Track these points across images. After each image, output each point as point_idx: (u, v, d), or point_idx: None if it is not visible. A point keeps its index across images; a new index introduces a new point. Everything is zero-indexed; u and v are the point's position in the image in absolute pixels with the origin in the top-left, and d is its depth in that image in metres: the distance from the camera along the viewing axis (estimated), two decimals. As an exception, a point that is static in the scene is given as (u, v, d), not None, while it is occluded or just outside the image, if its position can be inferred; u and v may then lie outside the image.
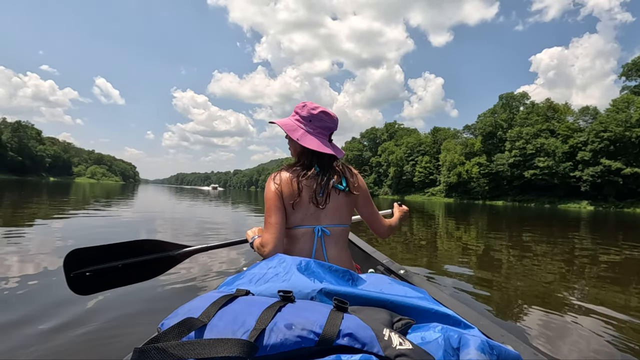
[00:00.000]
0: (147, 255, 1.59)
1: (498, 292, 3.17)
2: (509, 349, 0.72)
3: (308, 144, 1.31)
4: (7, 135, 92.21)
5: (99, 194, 21.69)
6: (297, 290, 0.88)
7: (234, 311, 0.74)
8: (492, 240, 7.16)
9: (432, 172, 75.55)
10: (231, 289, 0.93)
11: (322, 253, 1.29)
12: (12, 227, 5.76)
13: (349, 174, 1.37)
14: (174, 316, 0.78)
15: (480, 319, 1.09)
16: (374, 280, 1.05)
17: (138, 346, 0.59)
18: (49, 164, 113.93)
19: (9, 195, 14.38)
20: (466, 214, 18.77)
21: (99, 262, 1.47)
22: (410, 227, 9.25)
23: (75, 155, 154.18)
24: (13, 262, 3.43)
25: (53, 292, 2.58)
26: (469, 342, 0.68)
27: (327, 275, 0.99)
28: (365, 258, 2.25)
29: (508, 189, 59.48)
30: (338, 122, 1.39)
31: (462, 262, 4.75)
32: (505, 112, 63.42)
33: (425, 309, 0.87)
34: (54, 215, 7.75)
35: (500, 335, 1.00)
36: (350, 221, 1.39)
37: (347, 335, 0.66)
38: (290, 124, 1.36)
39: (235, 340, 0.62)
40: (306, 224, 1.29)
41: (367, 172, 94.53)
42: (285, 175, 1.31)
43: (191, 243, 1.74)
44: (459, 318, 0.86)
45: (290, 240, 1.33)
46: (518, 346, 0.93)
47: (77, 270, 1.42)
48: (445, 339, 0.70)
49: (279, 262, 1.04)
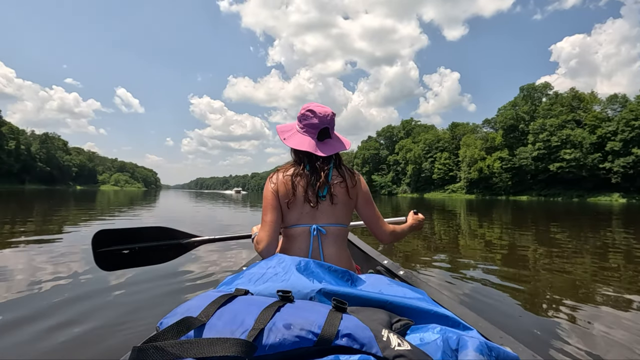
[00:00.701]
0: (160, 241, 1.74)
1: (523, 290, 3.03)
2: (507, 350, 0.72)
3: (290, 143, 1.34)
4: (36, 147, 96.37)
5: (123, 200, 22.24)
6: (296, 290, 0.88)
7: (233, 311, 0.74)
8: (517, 237, 6.87)
9: (452, 168, 74.06)
10: (230, 289, 0.93)
11: (318, 252, 1.29)
12: (44, 236, 5.85)
13: (348, 173, 1.36)
14: (172, 315, 0.78)
15: (479, 321, 1.09)
16: (373, 280, 1.06)
17: (137, 345, 0.59)
18: (76, 173, 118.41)
19: (39, 205, 14.78)
20: (489, 210, 18.16)
21: (119, 243, 1.65)
22: (431, 225, 9.01)
23: (99, 164, 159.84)
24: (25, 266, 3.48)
25: (54, 292, 2.60)
26: (468, 344, 0.68)
27: (326, 275, 1.00)
28: (365, 259, 2.25)
29: (532, 183, 57.54)
30: (329, 117, 1.34)
31: (486, 259, 4.54)
32: (526, 104, 61.42)
33: (424, 310, 0.87)
34: (82, 223, 7.87)
35: (499, 337, 1.00)
36: (349, 221, 1.37)
37: (346, 336, 0.66)
38: (287, 126, 1.42)
39: (234, 339, 0.62)
40: (302, 222, 1.30)
41: (385, 171, 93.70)
42: (281, 175, 1.33)
43: (201, 234, 1.85)
44: (457, 319, 0.86)
45: (288, 239, 1.34)
46: (517, 348, 0.93)
47: (101, 249, 1.61)
48: (444, 340, 0.70)
49: (278, 262, 1.04)
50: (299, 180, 1.30)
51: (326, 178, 1.30)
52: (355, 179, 1.37)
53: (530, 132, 56.59)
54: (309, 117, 1.34)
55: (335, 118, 1.39)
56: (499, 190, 61.28)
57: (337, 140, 1.40)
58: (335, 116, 1.40)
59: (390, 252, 4.93)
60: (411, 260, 4.44)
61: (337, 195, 1.31)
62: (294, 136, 1.36)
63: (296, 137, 1.36)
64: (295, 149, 1.34)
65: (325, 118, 1.33)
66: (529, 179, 57.74)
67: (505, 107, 64.64)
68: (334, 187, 1.31)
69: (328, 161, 1.36)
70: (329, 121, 1.34)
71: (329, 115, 1.34)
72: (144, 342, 0.61)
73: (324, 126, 1.34)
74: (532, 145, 55.58)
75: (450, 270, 3.83)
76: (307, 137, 1.34)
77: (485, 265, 4.14)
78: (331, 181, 1.32)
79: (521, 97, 63.02)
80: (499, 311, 2.56)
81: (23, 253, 4.27)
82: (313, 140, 1.34)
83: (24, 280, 3.00)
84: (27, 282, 2.92)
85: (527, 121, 59.47)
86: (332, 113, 1.36)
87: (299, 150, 1.34)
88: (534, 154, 54.70)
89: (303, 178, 1.30)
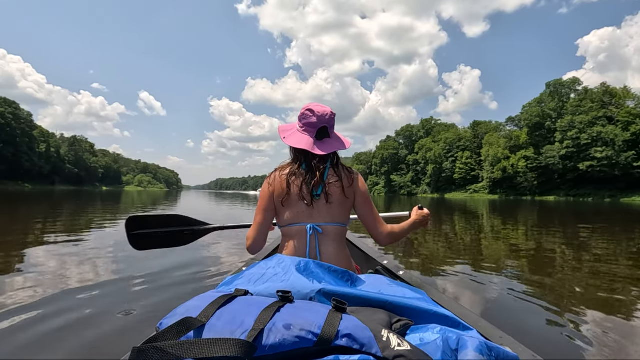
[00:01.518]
0: (179, 227, 1.96)
1: (549, 296, 2.90)
2: (507, 350, 0.72)
3: (289, 142, 1.36)
4: (64, 150, 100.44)
5: (146, 201, 22.70)
6: (296, 290, 0.88)
7: (233, 311, 0.73)
8: (543, 239, 6.45)
9: (474, 168, 72.22)
10: (230, 289, 0.93)
11: (315, 251, 1.27)
12: (71, 233, 5.89)
13: (345, 172, 1.35)
14: (172, 316, 0.78)
15: (479, 321, 1.09)
16: (373, 281, 1.06)
17: (136, 345, 0.59)
18: (102, 174, 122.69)
19: (68, 205, 15.24)
20: (513, 211, 17.40)
21: (146, 228, 1.89)
22: (452, 226, 8.72)
23: (124, 165, 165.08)
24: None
25: (55, 293, 2.61)
26: (468, 344, 0.68)
27: (326, 275, 1.00)
28: (365, 259, 2.24)
29: (560, 183, 55.31)
30: (327, 116, 1.34)
31: (510, 262, 4.34)
32: (553, 100, 59.07)
33: (424, 310, 0.87)
34: (109, 222, 7.91)
35: (499, 337, 0.99)
36: (347, 220, 1.36)
37: (346, 336, 0.65)
38: (289, 126, 1.44)
39: (234, 340, 0.62)
40: (298, 221, 1.30)
41: (404, 171, 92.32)
42: (278, 174, 1.34)
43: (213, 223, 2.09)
44: (457, 319, 0.86)
45: (286, 238, 1.34)
46: (516, 348, 0.91)
47: (132, 232, 1.86)
48: (443, 340, 0.70)
49: (278, 263, 1.05)
50: (294, 179, 1.31)
51: (321, 177, 1.30)
52: (352, 178, 1.35)
53: (557, 130, 54.41)
54: (308, 117, 1.35)
55: (335, 117, 1.39)
56: (524, 190, 59.25)
57: (336, 140, 1.40)
58: (335, 115, 1.40)
59: (398, 253, 4.76)
60: (429, 263, 4.22)
61: (332, 194, 1.30)
62: (294, 135, 1.37)
63: (295, 136, 1.36)
64: (293, 147, 1.36)
65: (323, 117, 1.33)
66: (557, 178, 55.55)
67: (530, 104, 62.39)
68: (329, 186, 1.30)
69: (325, 160, 1.35)
70: (328, 120, 1.34)
71: (327, 115, 1.34)
72: (144, 343, 0.61)
73: (323, 125, 1.34)
74: (560, 143, 53.41)
75: (470, 272, 3.68)
76: (305, 136, 1.35)
77: (504, 268, 3.99)
78: (327, 180, 1.31)
79: (547, 93, 60.61)
80: (507, 311, 2.50)
81: (38, 252, 4.24)
82: (311, 139, 1.34)
83: (30, 279, 2.99)
84: (32, 282, 2.91)
85: (554, 118, 57.19)
86: (332, 112, 1.36)
87: (296, 148, 1.35)
88: (562, 152, 52.61)
89: (298, 177, 1.31)
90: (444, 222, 10.26)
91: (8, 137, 69.60)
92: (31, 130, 78.68)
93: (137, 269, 3.33)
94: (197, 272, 3.20)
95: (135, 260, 3.68)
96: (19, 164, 72.99)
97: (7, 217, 9.33)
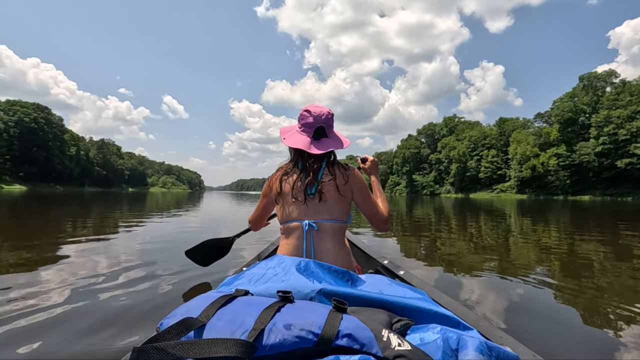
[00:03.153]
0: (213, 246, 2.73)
1: (584, 303, 2.69)
2: (507, 350, 0.72)
3: (287, 142, 1.41)
4: (93, 152, 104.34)
5: (170, 202, 22.87)
6: (296, 290, 0.89)
7: (233, 311, 0.74)
8: (578, 242, 6.03)
9: (500, 166, 69.71)
10: (230, 289, 0.93)
11: (310, 248, 1.28)
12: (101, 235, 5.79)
13: (340, 170, 1.36)
14: (172, 316, 0.78)
15: (479, 321, 1.09)
16: (374, 281, 1.06)
17: (137, 346, 0.59)
18: (128, 176, 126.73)
19: (96, 205, 15.45)
20: (544, 211, 16.15)
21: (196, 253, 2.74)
22: (477, 226, 8.22)
23: (149, 167, 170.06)
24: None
25: (56, 292, 2.59)
26: (468, 344, 0.68)
27: (326, 275, 1.00)
28: (365, 259, 2.23)
29: (595, 181, 52.42)
30: (324, 116, 1.37)
31: (541, 266, 4.03)
32: (587, 94, 55.96)
33: (424, 310, 0.87)
34: (135, 222, 7.70)
35: (499, 337, 0.99)
36: (345, 217, 1.36)
37: (346, 336, 0.66)
38: (290, 127, 1.48)
39: (234, 340, 0.62)
40: (295, 218, 1.32)
41: (426, 171, 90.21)
42: (277, 174, 1.41)
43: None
44: (458, 319, 0.86)
45: (284, 235, 1.37)
46: (517, 347, 0.91)
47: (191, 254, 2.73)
48: (444, 340, 0.70)
49: (278, 263, 1.06)
50: (287, 177, 1.35)
51: (315, 176, 1.32)
52: (347, 175, 1.35)
53: (592, 125, 51.49)
54: (306, 117, 1.38)
55: (332, 117, 1.41)
56: (555, 190, 56.54)
57: (334, 139, 1.41)
58: (333, 115, 1.43)
59: (399, 253, 4.49)
60: (429, 262, 3.99)
61: (325, 192, 1.31)
62: (293, 136, 1.40)
63: (294, 136, 1.39)
64: (291, 147, 1.40)
65: (319, 117, 1.37)
66: (591, 176, 52.66)
67: (561, 99, 59.43)
68: (322, 185, 1.31)
69: (321, 159, 1.37)
70: (324, 120, 1.37)
71: (324, 115, 1.37)
72: (144, 343, 0.61)
73: (319, 125, 1.37)
74: (595, 139, 50.54)
75: (470, 272, 3.52)
76: (303, 136, 1.37)
77: (509, 268, 3.81)
78: (321, 179, 1.32)
79: (581, 87, 57.56)
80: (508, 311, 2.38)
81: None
82: (308, 138, 1.37)
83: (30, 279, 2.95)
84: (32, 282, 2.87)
85: (588, 113, 54.22)
86: (329, 112, 1.39)
87: (294, 148, 1.39)
88: (598, 149, 49.79)
89: (292, 175, 1.35)
90: (456, 220, 9.70)
91: (41, 141, 72.76)
92: (62, 134, 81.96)
93: (137, 269, 3.30)
94: (198, 273, 3.15)
95: (135, 261, 3.65)
96: (51, 166, 76.16)
97: (40, 217, 9.28)
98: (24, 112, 71.15)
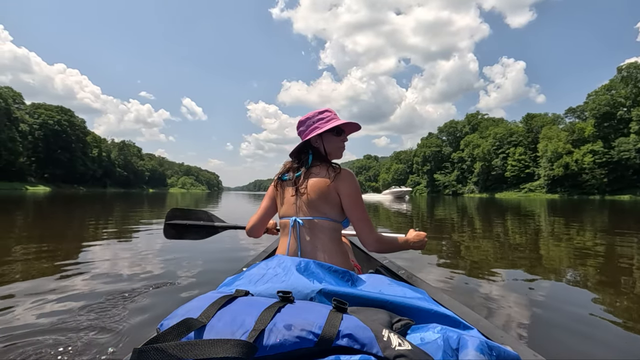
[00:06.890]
0: (202, 222, 2.19)
1: (621, 308, 2.53)
2: (508, 349, 0.72)
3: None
4: (115, 154, 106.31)
5: (189, 202, 22.35)
6: (296, 290, 0.88)
7: (233, 312, 0.73)
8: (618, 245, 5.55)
9: (529, 165, 66.53)
10: (230, 290, 0.93)
11: (297, 245, 1.28)
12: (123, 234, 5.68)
13: (329, 170, 1.33)
14: (173, 317, 0.78)
15: (479, 320, 1.09)
16: (374, 281, 1.06)
17: (137, 347, 0.59)
18: (148, 177, 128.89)
19: (118, 205, 15.33)
20: (578, 212, 14.58)
21: (179, 218, 2.14)
22: (503, 227, 7.96)
23: (168, 168, 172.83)
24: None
25: (56, 293, 2.54)
26: (468, 343, 0.68)
27: (326, 276, 0.99)
28: (366, 259, 2.23)
29: (636, 180, 48.89)
30: (310, 119, 1.39)
31: (574, 269, 3.73)
32: (627, 86, 52.27)
33: (424, 309, 0.87)
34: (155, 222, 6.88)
35: (499, 336, 0.98)
36: (337, 217, 1.32)
37: (347, 336, 0.66)
38: None
39: (235, 340, 0.62)
40: (286, 215, 1.35)
41: (448, 170, 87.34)
42: (278, 172, 1.46)
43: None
44: (458, 319, 0.86)
45: (280, 231, 1.41)
46: (517, 347, 0.90)
47: (168, 222, 2.11)
48: (444, 339, 0.70)
49: (278, 263, 1.05)
50: (286, 175, 1.40)
51: (305, 173, 1.33)
52: (334, 173, 1.31)
53: (633, 120, 48.14)
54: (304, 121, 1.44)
55: (323, 113, 1.44)
56: (591, 189, 53.19)
57: None
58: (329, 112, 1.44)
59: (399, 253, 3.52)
60: (430, 262, 3.87)
61: (310, 187, 1.30)
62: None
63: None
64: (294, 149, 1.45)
65: (302, 122, 1.42)
66: (631, 174, 49.14)
67: (597, 92, 55.89)
68: (309, 182, 1.31)
69: (314, 157, 1.39)
70: (305, 125, 1.42)
71: (304, 120, 1.42)
72: (145, 344, 0.61)
73: (304, 130, 1.41)
74: (637, 135, 47.07)
75: (471, 272, 3.39)
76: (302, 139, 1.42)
77: (513, 267, 3.68)
78: (310, 176, 1.33)
79: (619, 79, 53.88)
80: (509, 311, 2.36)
81: None
82: (301, 143, 1.42)
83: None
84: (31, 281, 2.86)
85: (628, 107, 50.63)
86: (326, 111, 1.43)
87: (295, 149, 1.44)
88: (639, 145, 46.11)
89: (288, 172, 1.39)
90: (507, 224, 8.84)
91: (64, 143, 74.23)
92: (84, 136, 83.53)
93: (137, 269, 3.25)
94: (198, 273, 3.16)
95: (135, 261, 3.61)
96: (74, 167, 77.59)
97: (63, 216, 8.52)
98: (48, 114, 72.74)
